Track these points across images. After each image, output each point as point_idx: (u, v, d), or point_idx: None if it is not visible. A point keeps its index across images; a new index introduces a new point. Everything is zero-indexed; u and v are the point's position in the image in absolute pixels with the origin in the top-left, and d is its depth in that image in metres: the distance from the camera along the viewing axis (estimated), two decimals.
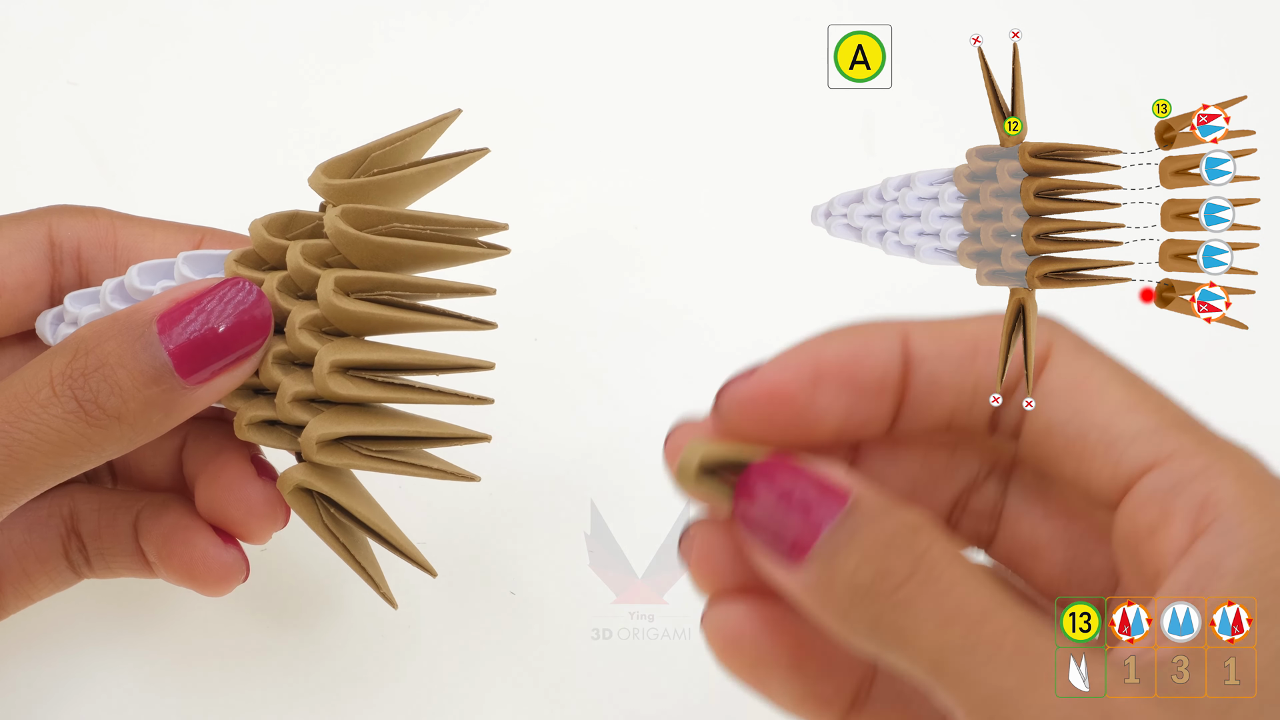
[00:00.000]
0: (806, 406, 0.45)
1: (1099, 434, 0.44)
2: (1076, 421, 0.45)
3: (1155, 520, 0.43)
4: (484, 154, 0.54)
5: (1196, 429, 0.44)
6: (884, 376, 0.46)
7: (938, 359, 0.46)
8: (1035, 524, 0.48)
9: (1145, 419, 0.44)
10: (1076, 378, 0.45)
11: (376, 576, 0.54)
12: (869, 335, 0.46)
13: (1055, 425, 0.45)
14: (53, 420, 0.50)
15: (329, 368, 0.51)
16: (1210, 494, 0.42)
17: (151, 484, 0.58)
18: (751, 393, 0.45)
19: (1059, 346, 0.46)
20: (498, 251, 0.53)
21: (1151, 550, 0.43)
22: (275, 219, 0.53)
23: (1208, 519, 0.42)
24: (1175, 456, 0.43)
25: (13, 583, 0.56)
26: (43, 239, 0.55)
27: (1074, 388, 0.45)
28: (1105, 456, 0.44)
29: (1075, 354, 0.46)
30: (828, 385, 0.45)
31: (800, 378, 0.45)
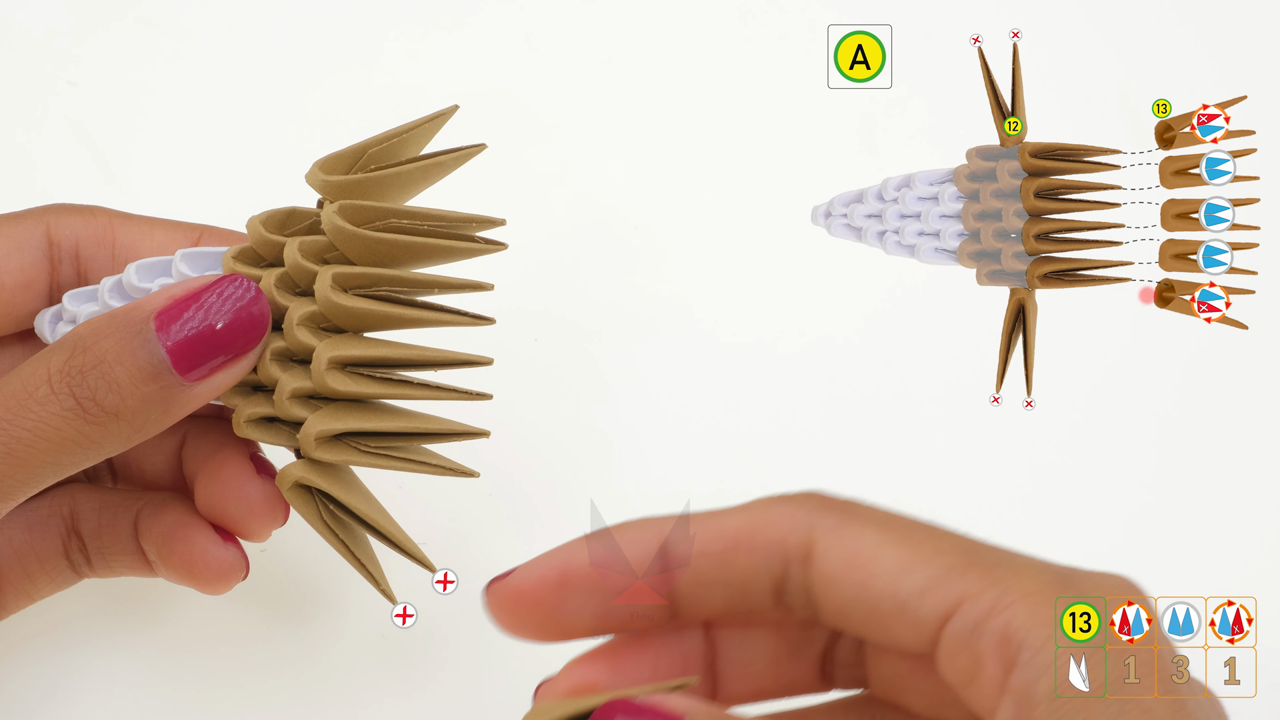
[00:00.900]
0: (555, 610, 0.46)
1: (888, 603, 0.44)
2: (864, 597, 0.45)
3: (969, 666, 0.44)
4: (481, 150, 0.54)
5: (976, 563, 0.44)
6: (635, 585, 0.47)
7: (698, 558, 0.46)
8: (893, 663, 0.48)
9: (924, 572, 0.44)
10: (847, 555, 0.45)
11: (376, 573, 0.54)
12: (620, 541, 0.47)
13: (846, 606, 0.45)
14: (51, 417, 0.50)
15: (327, 364, 0.51)
16: (1006, 627, 0.43)
17: (151, 483, 0.58)
18: (503, 596, 0.47)
19: (820, 529, 0.45)
20: (495, 247, 0.53)
21: (977, 694, 0.44)
22: (273, 216, 0.53)
23: (1013, 651, 0.43)
24: (964, 600, 0.44)
25: (13, 582, 0.56)
26: (41, 237, 0.55)
27: (849, 566, 0.45)
28: (902, 622, 0.45)
29: (840, 531, 0.45)
30: (575, 591, 0.46)
31: (546, 584, 0.46)
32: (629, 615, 0.47)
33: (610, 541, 0.47)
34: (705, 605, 0.47)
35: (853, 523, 0.45)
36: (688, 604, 0.47)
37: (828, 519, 0.45)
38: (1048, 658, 0.43)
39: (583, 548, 0.47)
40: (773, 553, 0.45)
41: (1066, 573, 0.44)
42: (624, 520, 0.47)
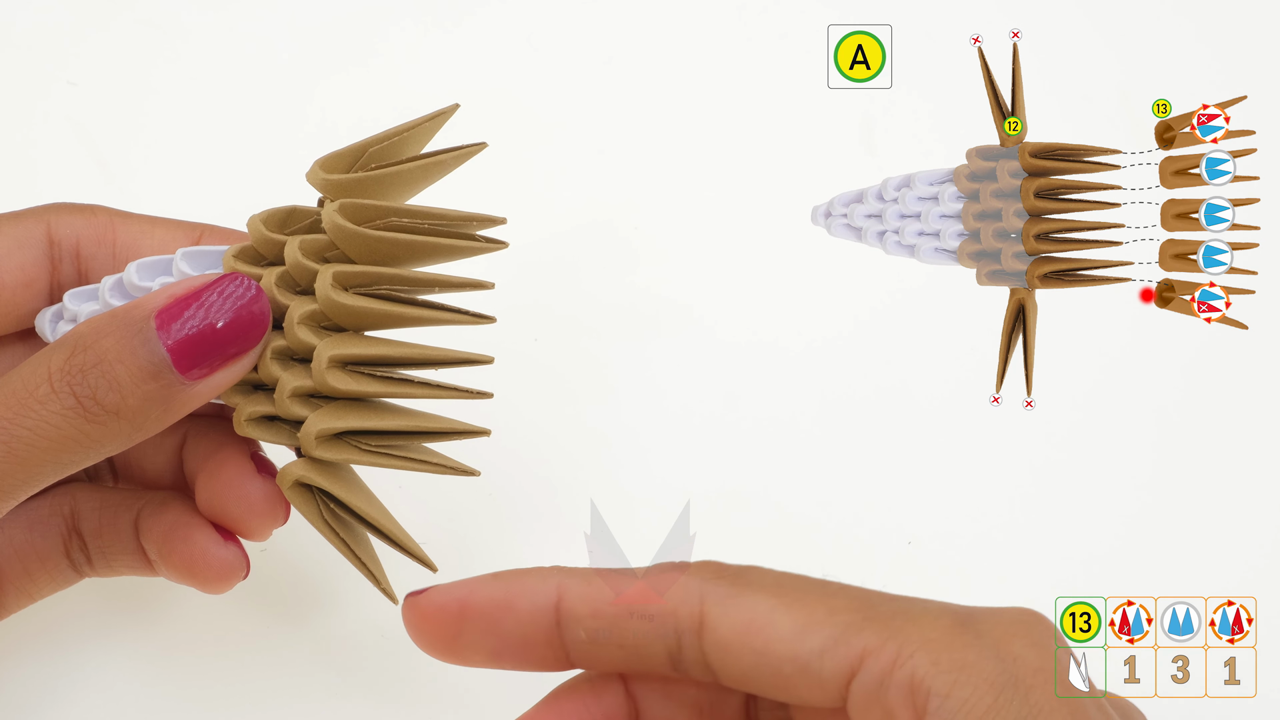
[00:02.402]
0: (452, 638, 0.48)
1: (790, 667, 0.45)
2: (765, 663, 0.45)
3: (882, 718, 0.44)
4: (482, 149, 0.54)
5: (873, 618, 0.45)
6: (526, 631, 0.47)
7: (592, 618, 0.47)
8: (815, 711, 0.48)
9: (822, 633, 0.45)
10: (741, 623, 0.46)
11: (376, 572, 0.54)
12: (519, 589, 0.48)
13: (747, 672, 0.46)
14: (51, 416, 0.50)
15: (328, 363, 0.51)
16: (911, 677, 0.44)
17: (152, 482, 0.58)
18: (411, 612, 0.48)
19: (711, 599, 0.46)
20: (496, 246, 0.53)
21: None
22: (273, 214, 0.53)
23: (921, 699, 0.44)
24: (866, 656, 0.44)
25: (14, 581, 0.56)
26: (41, 236, 0.55)
27: (744, 633, 0.45)
28: (807, 683, 0.45)
29: (731, 600, 0.46)
30: (472, 623, 0.47)
31: (446, 612, 0.48)
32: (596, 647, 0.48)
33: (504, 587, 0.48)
34: (602, 663, 0.48)
35: (745, 590, 0.46)
36: (584, 660, 0.48)
37: (719, 588, 0.46)
38: (956, 702, 0.43)
39: (487, 585, 0.48)
40: (664, 622, 0.46)
41: (965, 614, 0.45)
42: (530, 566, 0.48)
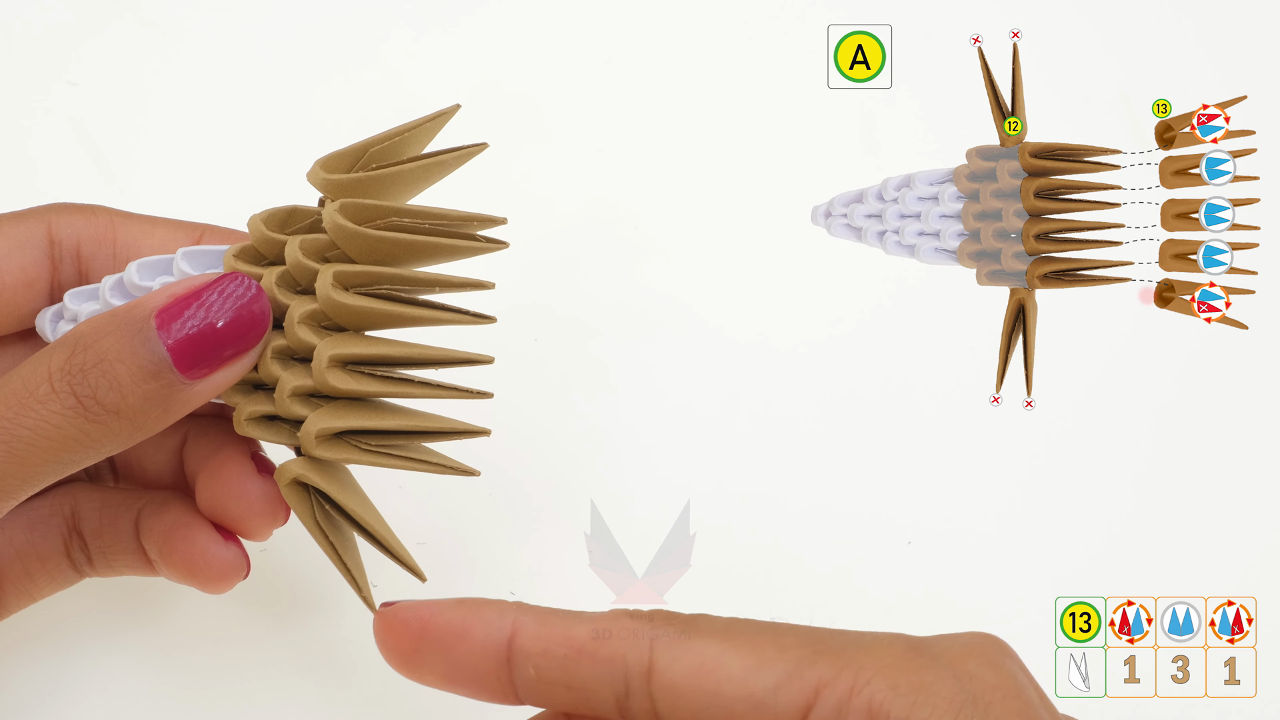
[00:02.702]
0: (412, 655, 0.48)
1: (744, 705, 0.45)
2: (718, 704, 0.46)
3: None
4: (483, 149, 0.54)
5: (824, 652, 0.45)
6: (479, 659, 0.48)
7: (542, 657, 0.47)
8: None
9: (774, 670, 0.45)
10: (692, 667, 0.46)
11: (359, 578, 0.54)
12: (475, 616, 0.48)
13: (699, 715, 0.46)
14: (51, 416, 0.50)
15: (328, 362, 0.51)
16: (869, 704, 0.44)
17: (153, 482, 0.58)
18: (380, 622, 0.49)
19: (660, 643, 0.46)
20: (497, 246, 0.53)
21: None
22: (274, 214, 0.53)
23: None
24: (822, 688, 0.45)
25: (14, 581, 0.56)
26: (42, 236, 0.55)
27: (695, 676, 0.46)
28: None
29: (681, 646, 0.46)
30: (430, 645, 0.48)
31: (408, 630, 0.48)
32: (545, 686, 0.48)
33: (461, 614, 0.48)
34: (549, 702, 0.48)
35: (695, 635, 0.46)
36: (531, 698, 0.48)
37: (668, 633, 0.46)
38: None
39: (448, 610, 0.48)
40: (614, 665, 0.46)
41: (918, 641, 0.45)
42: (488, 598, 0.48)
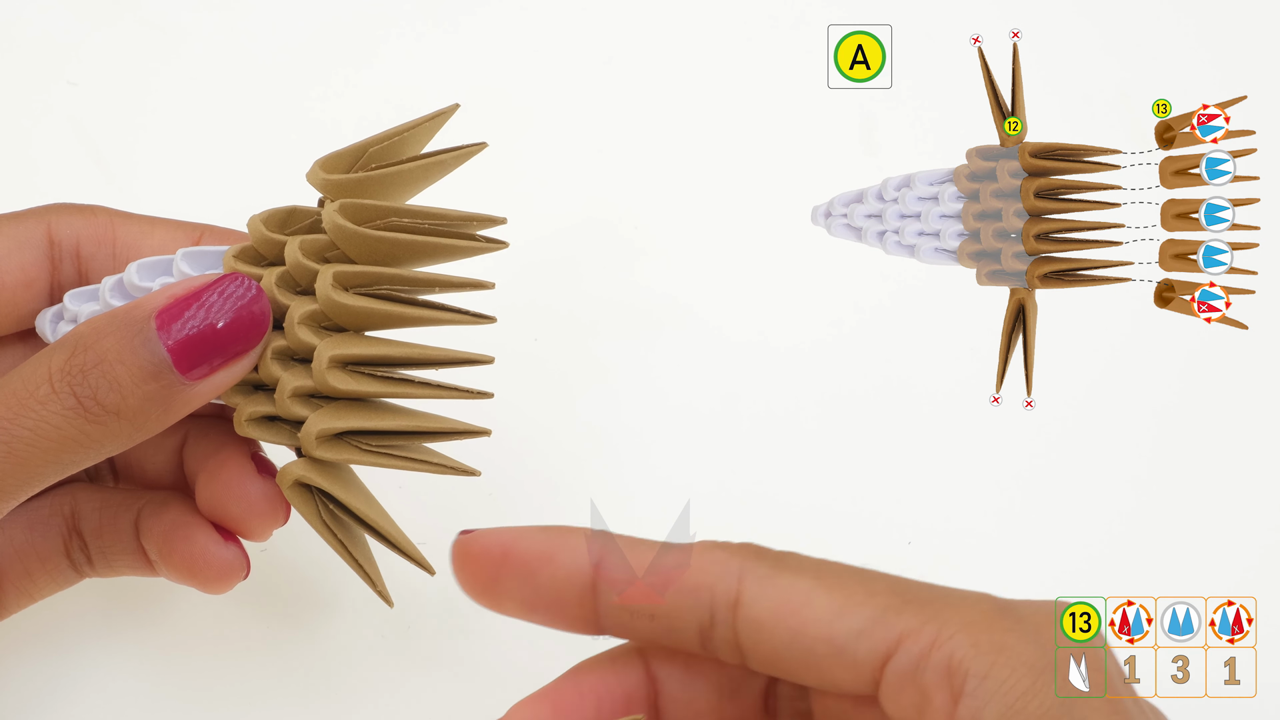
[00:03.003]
0: (493, 582, 0.48)
1: (824, 647, 0.45)
2: (798, 643, 0.46)
3: (916, 700, 0.44)
4: (482, 148, 0.54)
5: (912, 601, 0.45)
6: (564, 585, 0.47)
7: (627, 583, 0.47)
8: (836, 700, 0.49)
9: (859, 615, 0.45)
10: (778, 603, 0.46)
11: (373, 574, 0.54)
12: (561, 543, 0.48)
13: (778, 652, 0.46)
14: (52, 417, 0.50)
15: (328, 363, 0.51)
16: (949, 659, 0.44)
17: (153, 482, 0.58)
18: (458, 550, 0.48)
19: (750, 577, 0.46)
20: (497, 246, 0.53)
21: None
22: (273, 215, 0.53)
23: (959, 680, 0.44)
24: (904, 638, 0.45)
25: (14, 582, 0.56)
26: (42, 237, 0.55)
27: (781, 613, 0.46)
28: (840, 665, 0.45)
29: (769, 579, 0.46)
30: (511, 570, 0.48)
31: (489, 555, 0.48)
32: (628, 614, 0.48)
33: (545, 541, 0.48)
34: (631, 632, 0.48)
35: (784, 572, 0.46)
36: (613, 628, 0.48)
37: (758, 568, 0.46)
38: (994, 683, 0.43)
39: (531, 536, 0.48)
40: (700, 596, 0.46)
41: (1004, 602, 0.45)
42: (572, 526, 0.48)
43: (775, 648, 0.46)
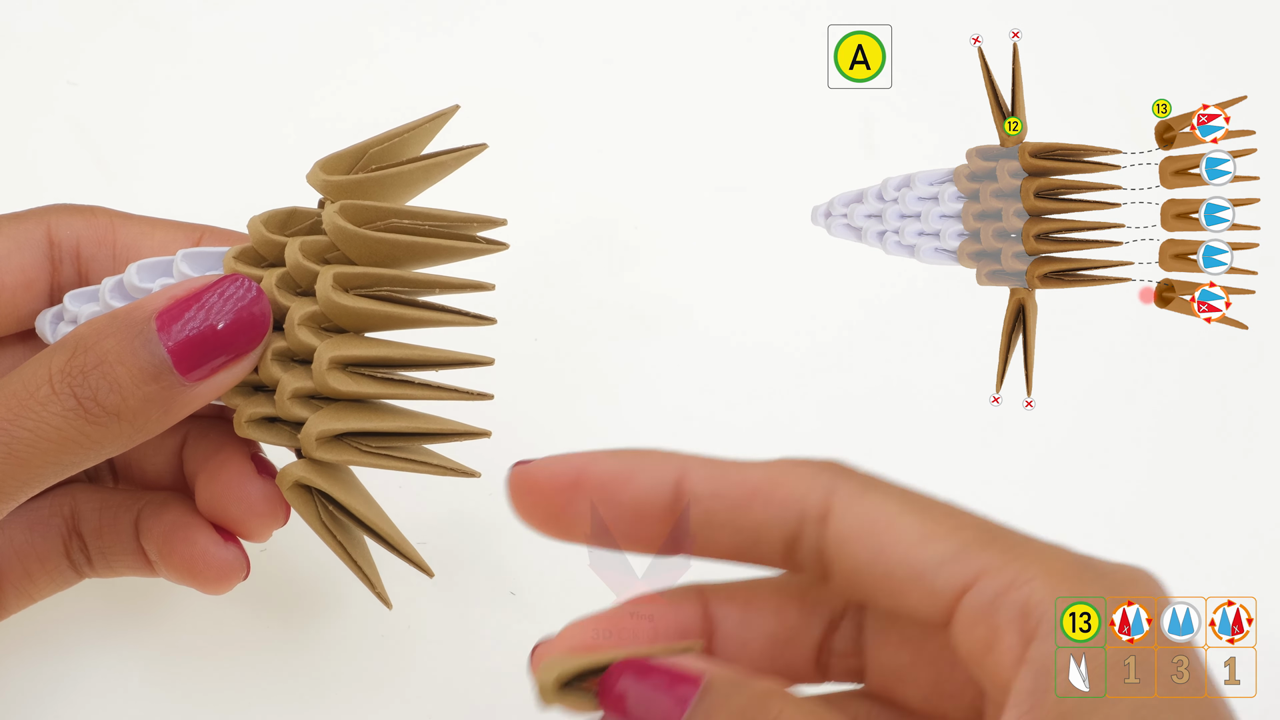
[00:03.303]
0: (564, 509, 0.48)
1: (904, 570, 0.45)
2: (880, 562, 0.46)
3: (987, 637, 0.44)
4: (482, 149, 0.54)
5: (996, 539, 0.45)
6: (642, 507, 0.48)
7: (713, 499, 0.47)
8: (895, 651, 0.49)
9: (944, 544, 0.45)
10: (866, 519, 0.46)
11: (372, 576, 0.54)
12: (640, 464, 0.48)
13: (861, 568, 0.46)
14: (52, 418, 0.50)
15: (328, 364, 0.51)
16: (1027, 600, 0.44)
17: (153, 482, 0.58)
18: (520, 481, 0.48)
19: (841, 492, 0.46)
20: (497, 247, 0.53)
21: (993, 664, 0.44)
22: (274, 216, 0.53)
23: (1033, 623, 0.44)
24: (984, 574, 0.45)
25: (14, 582, 0.56)
26: (42, 238, 0.55)
27: (867, 530, 0.46)
28: (917, 590, 0.45)
29: (860, 496, 0.46)
30: (585, 495, 0.48)
31: (560, 481, 0.48)
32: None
33: (625, 461, 0.48)
34: (711, 547, 0.48)
35: (874, 491, 0.46)
36: (696, 543, 0.48)
37: (850, 484, 0.46)
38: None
39: (606, 458, 0.48)
40: (790, 508, 0.46)
41: (1084, 558, 0.45)
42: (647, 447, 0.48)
43: (857, 565, 0.46)
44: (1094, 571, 0.45)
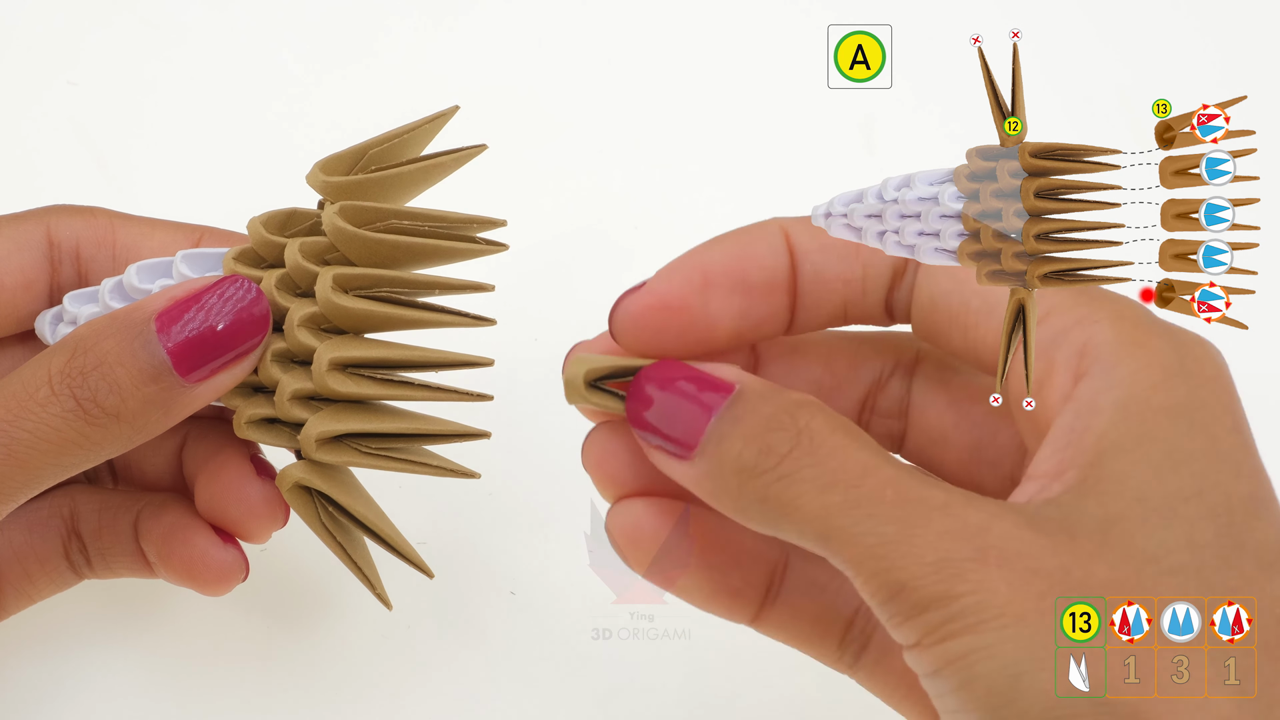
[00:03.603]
0: (700, 311, 0.47)
1: (978, 300, 0.46)
2: (958, 292, 0.47)
3: (1041, 374, 0.44)
4: (482, 150, 0.54)
5: (1080, 291, 0.46)
6: (772, 274, 0.48)
7: (821, 251, 0.48)
8: (940, 412, 0.50)
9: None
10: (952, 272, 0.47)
11: (372, 577, 0.54)
12: (752, 236, 0.48)
13: (939, 298, 0.47)
14: (51, 419, 0.50)
15: (328, 365, 0.51)
16: (1088, 340, 0.44)
17: (152, 484, 0.58)
18: (644, 304, 0.48)
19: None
20: (496, 248, 0.53)
21: (1041, 403, 0.44)
22: (273, 217, 0.53)
23: (1087, 364, 0.44)
24: (1053, 311, 0.45)
25: (13, 583, 0.56)
26: (41, 238, 0.55)
27: (952, 275, 0.47)
28: (988, 322, 0.46)
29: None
30: (717, 289, 0.47)
31: (690, 284, 0.47)
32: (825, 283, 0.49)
33: (738, 240, 0.48)
34: (824, 307, 0.48)
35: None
36: (807, 305, 0.48)
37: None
38: (1121, 373, 0.43)
39: (714, 249, 0.48)
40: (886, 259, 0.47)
41: (1156, 317, 0.45)
42: (746, 225, 0.49)
43: (935, 294, 0.47)
44: (1164, 327, 0.45)
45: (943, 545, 0.41)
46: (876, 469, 0.43)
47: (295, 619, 0.64)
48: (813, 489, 0.43)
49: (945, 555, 0.41)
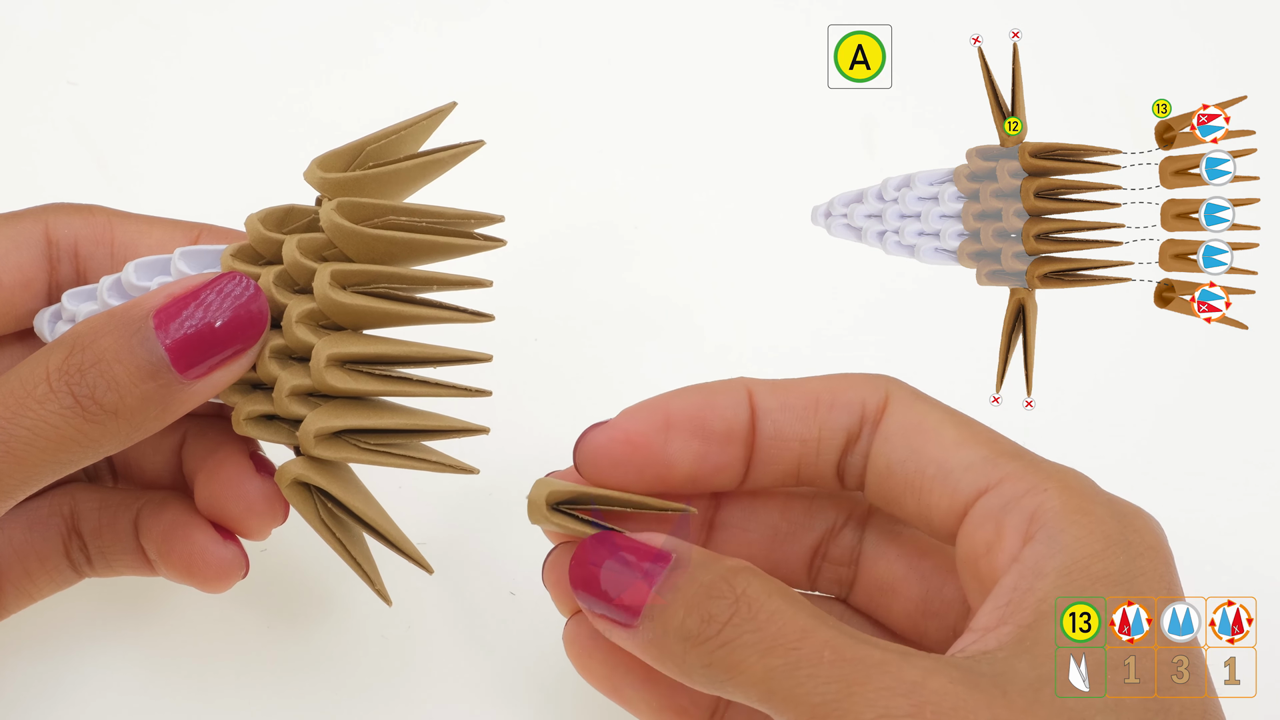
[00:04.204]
0: (660, 450, 0.50)
1: (935, 469, 0.48)
2: (914, 460, 0.48)
3: (990, 538, 0.46)
4: (480, 146, 0.54)
5: (1025, 456, 0.48)
6: (731, 425, 0.50)
7: (781, 410, 0.50)
8: (890, 564, 0.52)
9: (976, 451, 0.48)
10: (911, 422, 0.49)
11: (371, 573, 0.54)
12: (717, 389, 0.51)
13: (895, 465, 0.49)
14: (50, 416, 0.50)
15: (326, 361, 0.51)
16: (1037, 508, 0.46)
17: (152, 481, 0.58)
18: (608, 437, 0.50)
19: (895, 397, 0.49)
20: (494, 244, 0.53)
21: (988, 565, 0.46)
22: (271, 213, 0.53)
23: (1034, 529, 0.46)
24: (1005, 480, 0.47)
25: (13, 582, 0.56)
26: (40, 237, 0.55)
27: (910, 430, 0.49)
28: (942, 489, 0.48)
29: (910, 402, 0.49)
30: (679, 431, 0.50)
31: (652, 423, 0.50)
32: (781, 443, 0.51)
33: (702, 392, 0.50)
34: (779, 462, 0.50)
35: (923, 401, 0.49)
36: (763, 459, 0.50)
37: (904, 391, 0.49)
38: (1066, 539, 0.45)
39: (680, 396, 0.51)
40: (853, 411, 0.49)
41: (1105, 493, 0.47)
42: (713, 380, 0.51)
43: (892, 462, 0.49)
44: (1106, 498, 0.47)
45: (881, 701, 0.43)
46: (814, 631, 0.45)
47: (295, 617, 0.64)
48: (754, 654, 0.45)
49: (884, 712, 0.43)
